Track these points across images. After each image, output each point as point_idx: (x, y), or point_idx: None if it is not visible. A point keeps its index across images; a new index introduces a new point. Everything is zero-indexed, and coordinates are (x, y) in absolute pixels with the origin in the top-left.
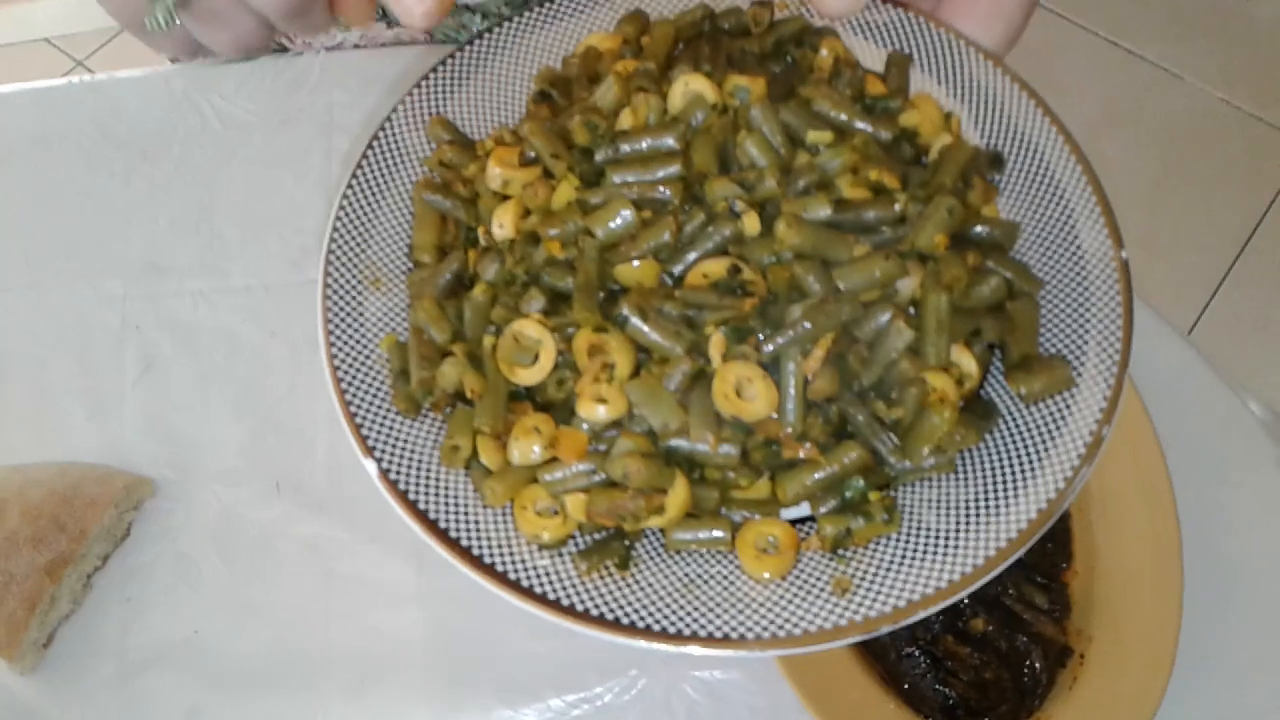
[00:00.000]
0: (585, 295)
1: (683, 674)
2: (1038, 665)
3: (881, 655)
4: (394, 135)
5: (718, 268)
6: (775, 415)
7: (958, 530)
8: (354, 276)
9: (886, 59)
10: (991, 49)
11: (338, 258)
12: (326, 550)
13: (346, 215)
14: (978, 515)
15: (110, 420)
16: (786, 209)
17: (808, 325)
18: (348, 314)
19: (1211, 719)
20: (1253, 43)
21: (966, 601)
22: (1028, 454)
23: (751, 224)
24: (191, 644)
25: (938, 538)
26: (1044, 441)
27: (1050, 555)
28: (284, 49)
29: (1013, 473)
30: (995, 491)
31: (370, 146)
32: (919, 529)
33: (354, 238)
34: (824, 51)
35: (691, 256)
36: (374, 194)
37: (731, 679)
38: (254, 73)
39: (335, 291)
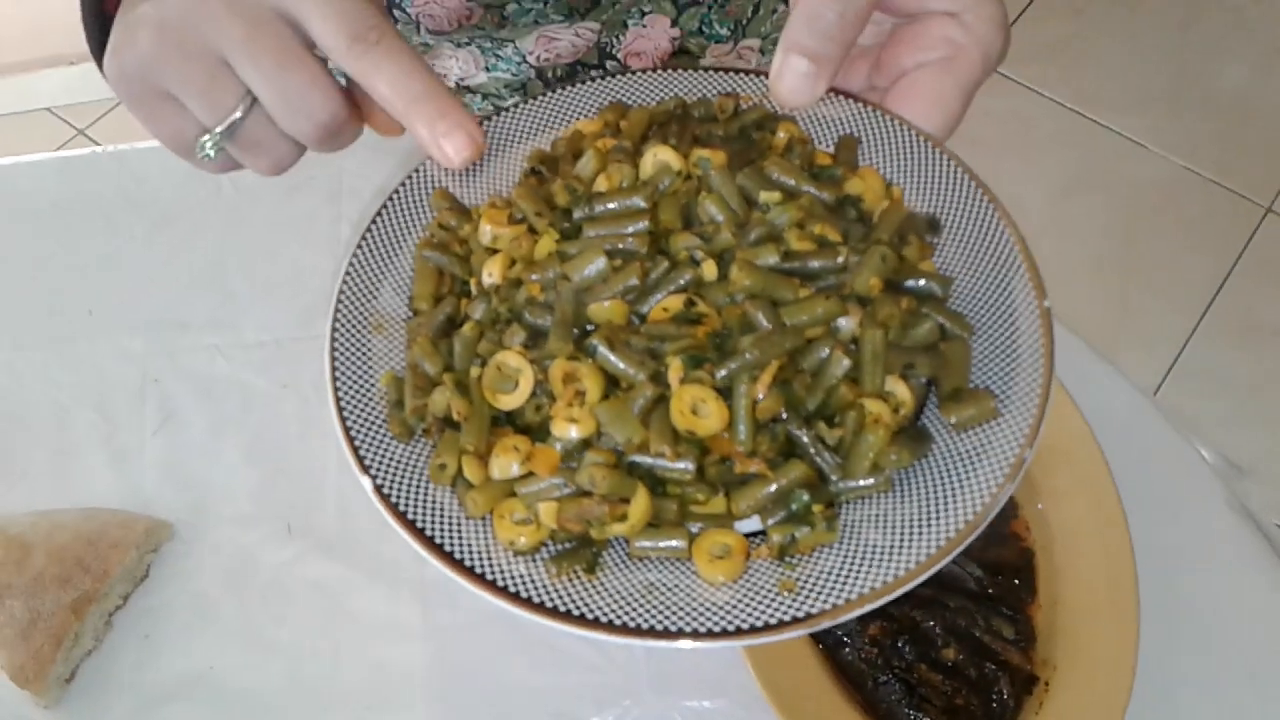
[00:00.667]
0: (561, 329)
1: (674, 704)
2: (1005, 692)
3: (860, 684)
4: (401, 203)
5: (675, 302)
6: (728, 434)
7: (894, 541)
8: (359, 322)
9: (837, 141)
10: (931, 133)
11: (346, 306)
12: (335, 589)
13: (355, 269)
14: (912, 528)
15: (131, 468)
16: (740, 256)
17: (756, 353)
18: (352, 353)
19: None
20: (1213, 113)
21: (939, 632)
22: (957, 475)
23: (710, 270)
24: (207, 679)
25: (876, 548)
26: (972, 464)
27: (1016, 590)
28: None
29: (944, 492)
30: (928, 508)
31: (380, 212)
32: (860, 540)
33: (361, 289)
34: (780, 134)
35: (656, 297)
36: (381, 252)
37: (719, 708)
38: None
39: (342, 334)
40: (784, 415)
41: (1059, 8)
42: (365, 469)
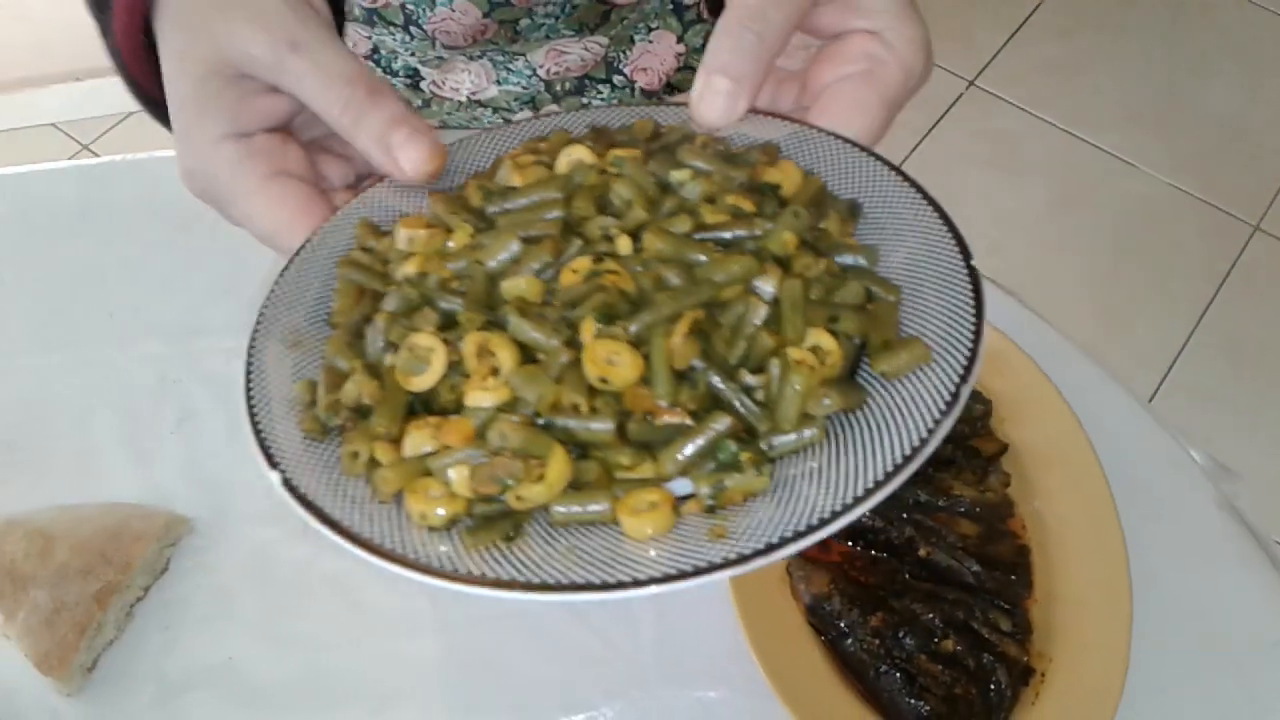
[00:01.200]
0: (472, 305)
1: (680, 694)
2: (1003, 682)
3: (861, 674)
4: (326, 232)
5: (585, 263)
6: (647, 390)
7: (828, 487)
8: (276, 339)
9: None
10: (852, 137)
11: (265, 325)
12: (351, 584)
13: (277, 293)
14: (849, 477)
15: (150, 466)
16: (651, 227)
17: (670, 305)
18: (269, 365)
19: None
20: (1201, 132)
21: (939, 624)
22: (893, 419)
23: (624, 244)
24: (226, 669)
25: (809, 498)
26: (907, 407)
27: (1013, 585)
28: None
29: (880, 437)
30: (865, 455)
31: (305, 244)
32: (792, 491)
33: (282, 309)
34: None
35: (567, 262)
36: (303, 276)
37: (725, 698)
38: None
39: (258, 350)
40: (703, 366)
41: (1048, 30)
42: (274, 464)
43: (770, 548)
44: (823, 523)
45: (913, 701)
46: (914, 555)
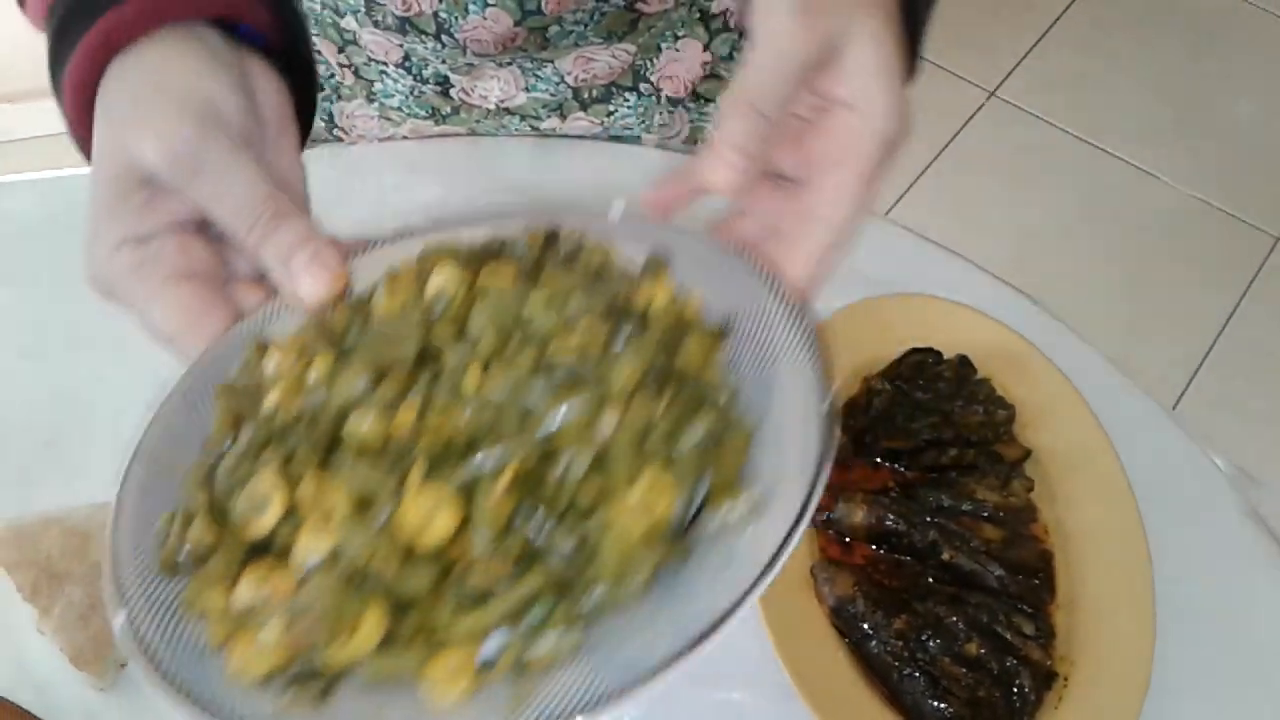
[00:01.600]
0: (311, 446)
1: (705, 695)
2: (1026, 686)
3: (885, 676)
4: (218, 348)
5: (414, 403)
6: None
7: (644, 645)
8: (152, 470)
9: (646, 262)
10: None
11: (141, 456)
12: None
13: (161, 414)
14: (665, 631)
15: None
16: (496, 360)
17: (497, 452)
18: (134, 500)
19: None
20: (1224, 143)
21: (962, 627)
22: (716, 574)
23: (472, 379)
24: None
25: (623, 657)
26: (729, 560)
27: (1036, 589)
28: (338, 139)
29: (701, 589)
30: (684, 606)
31: (190, 370)
32: (607, 648)
33: (161, 440)
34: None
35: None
36: (186, 405)
37: (750, 700)
38: (311, 160)
39: (130, 485)
40: (525, 517)
41: (1070, 41)
42: (124, 602)
43: (563, 715)
44: (632, 687)
45: (936, 704)
46: (937, 559)
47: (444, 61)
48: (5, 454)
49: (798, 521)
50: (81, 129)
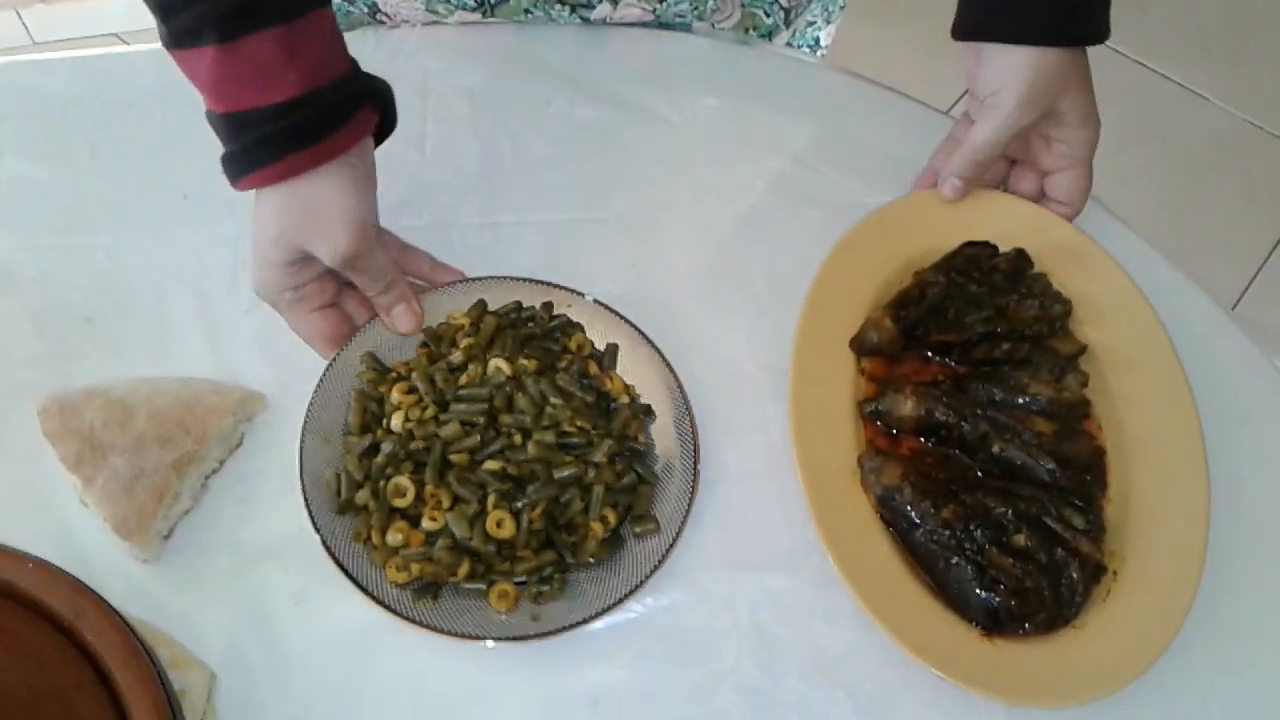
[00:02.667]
0: (432, 468)
1: (748, 580)
2: (1075, 578)
3: (930, 565)
4: (343, 360)
5: (495, 464)
6: (516, 536)
7: (600, 596)
8: (316, 436)
9: (606, 347)
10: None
11: (309, 423)
12: None
13: (315, 401)
14: (607, 589)
15: (224, 343)
16: (535, 436)
17: (535, 496)
18: (311, 454)
19: (1234, 635)
20: (1276, 66)
21: (1011, 519)
22: (633, 561)
23: (518, 440)
24: (298, 539)
25: (590, 599)
26: (641, 557)
27: (1088, 484)
28: (381, 23)
29: (626, 569)
30: (618, 578)
31: (329, 367)
32: (581, 594)
33: (318, 414)
34: (573, 344)
35: (487, 452)
36: (330, 391)
37: (793, 585)
38: (354, 42)
39: (306, 444)
40: (546, 526)
41: None
42: (317, 530)
43: (561, 629)
44: (592, 617)
45: (982, 593)
46: (987, 452)
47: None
48: (46, 330)
49: (674, 540)
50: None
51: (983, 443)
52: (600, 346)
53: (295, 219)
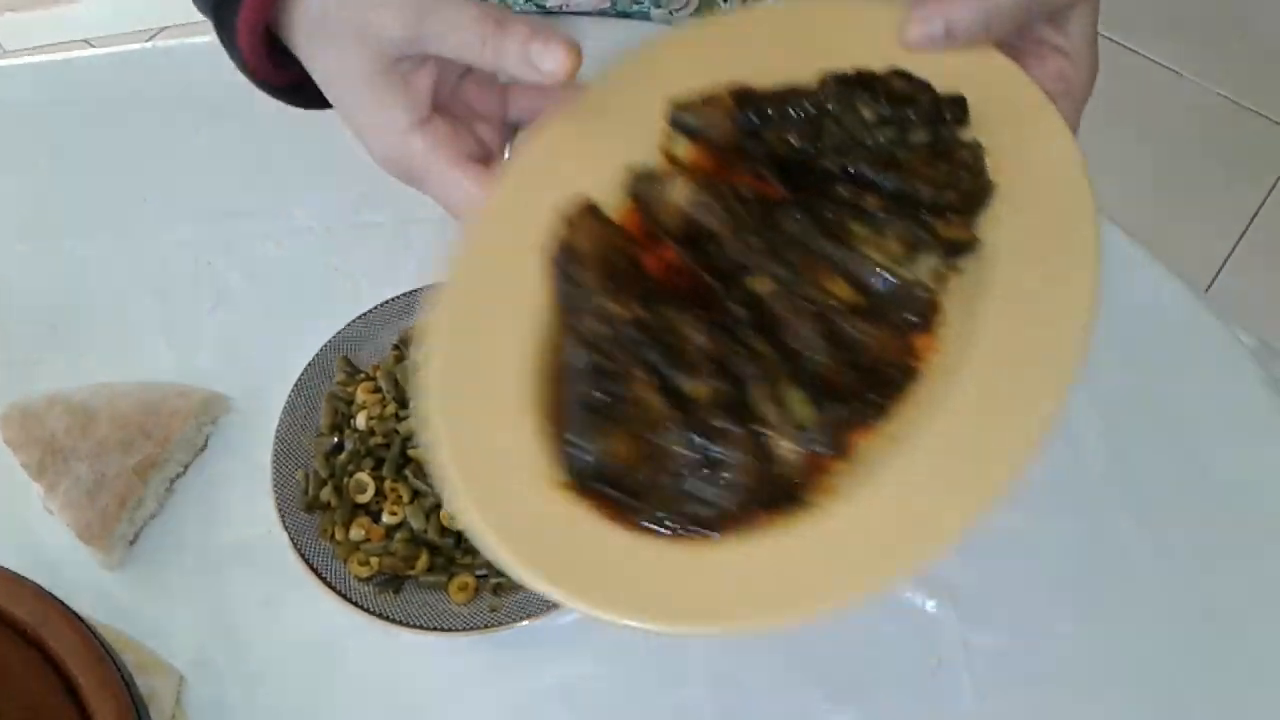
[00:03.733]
0: (390, 463)
1: None
2: (735, 478)
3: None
4: (319, 362)
5: None
6: None
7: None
8: (290, 436)
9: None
10: None
11: (283, 424)
12: None
13: (289, 404)
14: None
15: (187, 346)
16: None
17: None
18: (287, 452)
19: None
20: (1251, 42)
21: (707, 363)
22: None
23: None
24: (265, 542)
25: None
26: None
27: (855, 403)
28: None
29: None
30: None
31: (307, 369)
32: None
33: (291, 416)
34: None
35: None
36: (305, 392)
37: None
38: None
39: (280, 443)
40: None
41: None
42: (285, 528)
43: (518, 619)
44: (550, 607)
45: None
46: (743, 292)
47: None
48: (8, 337)
49: None
50: (262, 70)
51: (740, 275)
52: None
53: (337, 28)
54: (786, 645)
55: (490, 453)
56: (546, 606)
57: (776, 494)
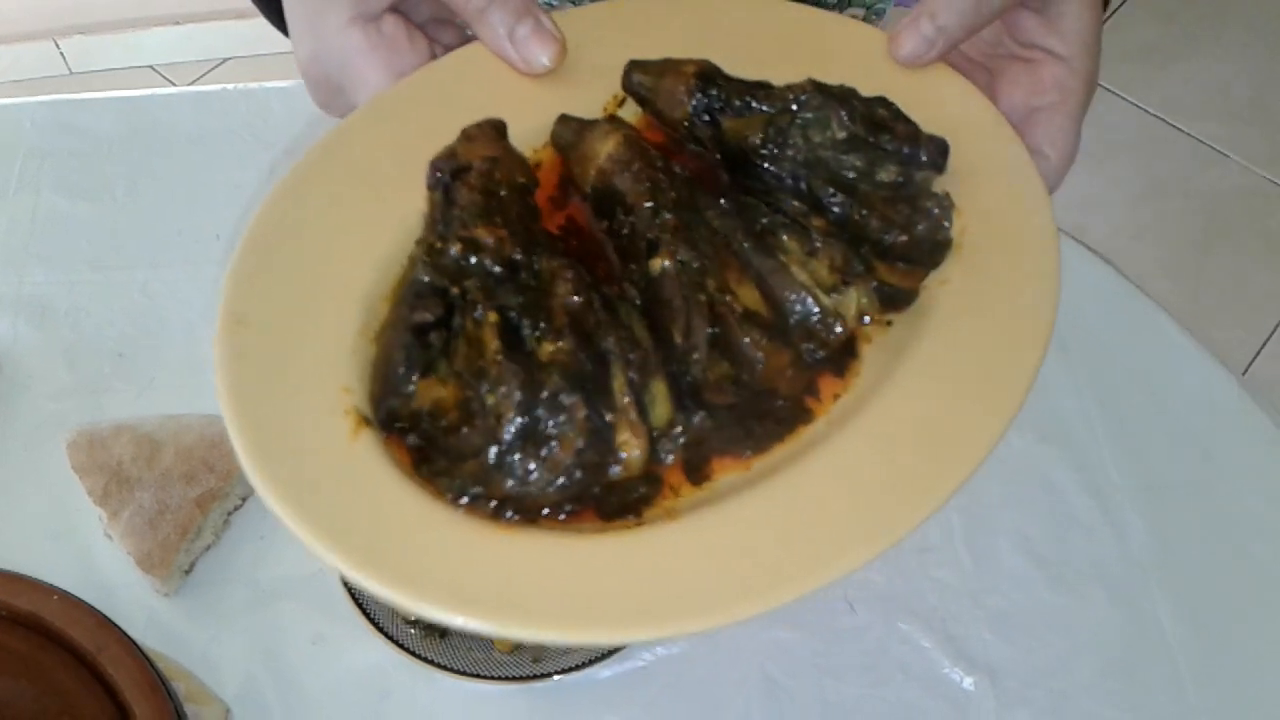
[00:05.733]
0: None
1: (756, 632)
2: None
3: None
4: None
5: None
6: None
7: None
8: None
9: None
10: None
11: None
12: None
13: None
14: None
15: None
16: None
17: None
18: None
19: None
20: None
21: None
22: None
23: None
24: (316, 580)
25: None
26: None
27: (749, 426)
28: None
29: None
30: None
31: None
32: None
33: None
34: None
35: None
36: None
37: (800, 639)
38: None
39: None
40: None
41: (1150, 12)
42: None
43: (561, 670)
44: (593, 660)
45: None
46: (642, 270)
47: None
48: (79, 364)
49: None
50: None
51: (646, 252)
52: None
53: None
54: (822, 709)
55: (288, 375)
56: (587, 661)
57: (612, 501)
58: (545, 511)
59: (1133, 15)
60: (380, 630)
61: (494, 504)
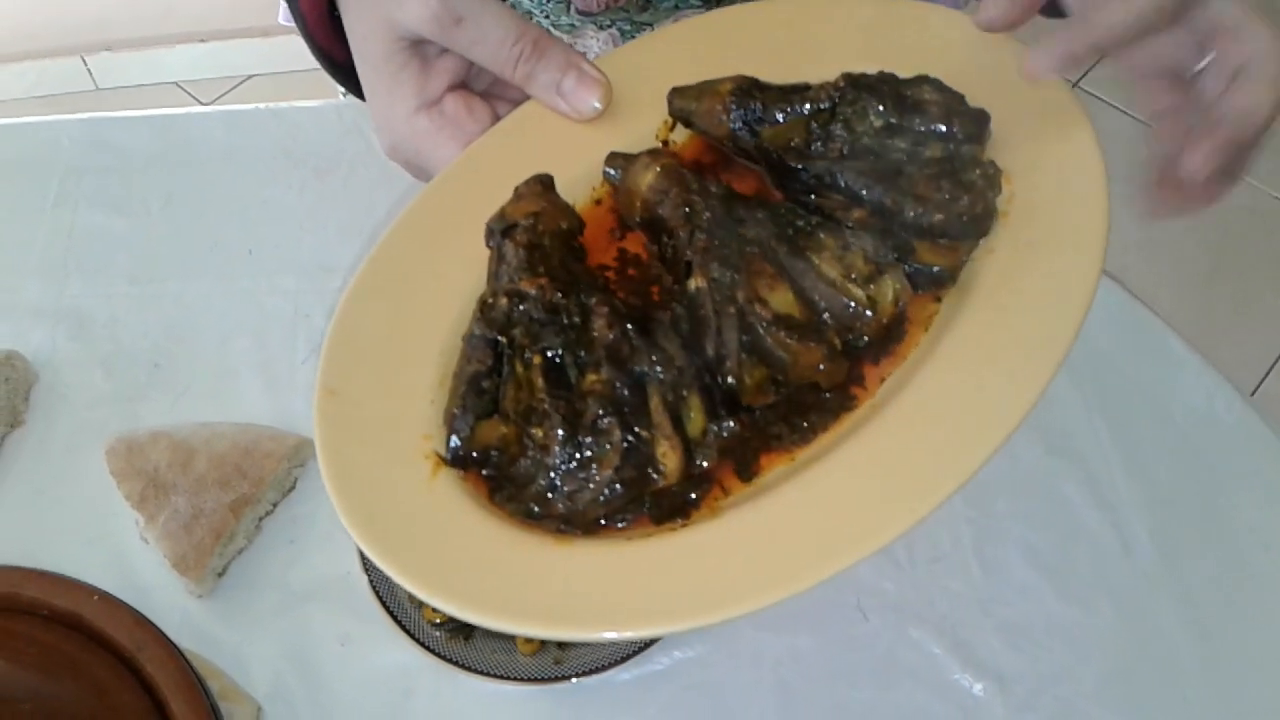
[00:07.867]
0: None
1: (773, 638)
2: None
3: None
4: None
5: None
6: None
7: (623, 643)
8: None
9: None
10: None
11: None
12: None
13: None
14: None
15: (282, 391)
16: None
17: None
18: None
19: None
20: None
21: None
22: None
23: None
24: (345, 582)
25: (614, 645)
26: None
27: (782, 424)
28: None
29: None
30: None
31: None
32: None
33: None
34: None
35: None
36: None
37: (817, 645)
38: None
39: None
40: None
41: None
42: (365, 570)
43: (583, 673)
44: (614, 663)
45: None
46: (683, 287)
47: (547, 16)
48: (115, 373)
49: None
50: (323, 37)
51: (686, 272)
52: None
53: None
54: (835, 717)
55: (374, 423)
56: (609, 663)
57: (663, 505)
58: (602, 522)
59: None
60: (406, 632)
61: (554, 521)
